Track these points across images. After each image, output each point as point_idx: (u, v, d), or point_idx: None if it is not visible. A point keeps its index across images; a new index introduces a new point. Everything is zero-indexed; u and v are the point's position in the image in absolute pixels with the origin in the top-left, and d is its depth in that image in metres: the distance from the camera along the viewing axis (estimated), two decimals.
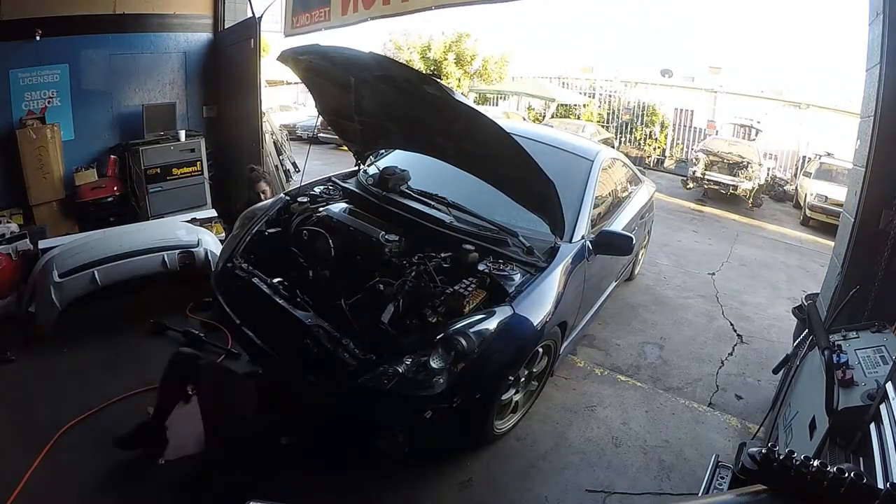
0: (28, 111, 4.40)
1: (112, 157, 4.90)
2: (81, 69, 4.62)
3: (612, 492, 2.27)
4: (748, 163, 9.13)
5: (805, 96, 12.84)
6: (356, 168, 3.37)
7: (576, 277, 2.66)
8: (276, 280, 2.45)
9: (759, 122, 11.70)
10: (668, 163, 12.79)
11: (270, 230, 2.85)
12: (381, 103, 2.65)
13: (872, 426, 1.48)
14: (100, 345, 3.01)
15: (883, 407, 1.48)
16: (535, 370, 2.57)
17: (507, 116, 11.49)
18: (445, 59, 14.31)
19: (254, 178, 3.99)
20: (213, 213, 4.46)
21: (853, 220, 2.54)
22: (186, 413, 2.39)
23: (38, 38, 4.24)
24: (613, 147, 9.30)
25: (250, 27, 4.98)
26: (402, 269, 2.44)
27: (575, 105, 14.10)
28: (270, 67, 5.21)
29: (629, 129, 13.34)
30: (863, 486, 0.75)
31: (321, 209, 2.86)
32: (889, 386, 1.57)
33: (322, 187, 3.19)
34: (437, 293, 2.29)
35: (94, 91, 4.75)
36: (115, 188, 4.86)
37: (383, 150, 3.41)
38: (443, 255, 2.49)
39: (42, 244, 3.56)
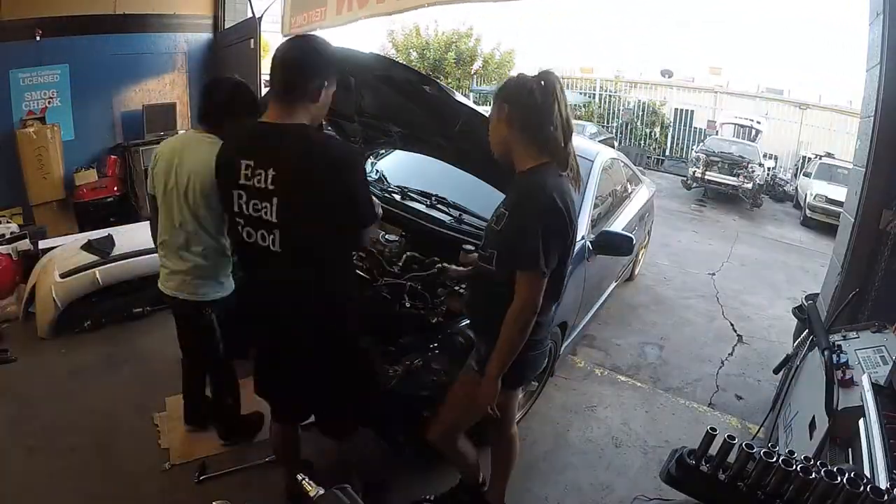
0: (28, 111, 4.40)
1: (112, 157, 4.90)
2: (81, 69, 4.62)
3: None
4: (748, 163, 9.13)
5: (805, 96, 12.84)
6: None
7: (575, 278, 2.65)
8: None
9: (759, 123, 11.69)
10: (667, 163, 12.78)
11: None
12: (382, 104, 2.65)
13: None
14: (100, 345, 3.01)
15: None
16: None
17: None
18: (445, 59, 14.31)
19: None
20: None
21: (853, 220, 2.54)
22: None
23: (38, 38, 4.24)
24: (614, 147, 9.30)
25: (250, 27, 4.99)
26: (402, 270, 2.44)
27: (575, 105, 14.10)
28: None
29: (629, 129, 13.33)
30: None
31: None
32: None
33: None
34: (437, 293, 2.29)
35: (95, 91, 4.75)
36: (115, 188, 4.86)
37: (383, 150, 3.41)
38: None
39: (42, 244, 3.57)
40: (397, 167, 3.32)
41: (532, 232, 1.40)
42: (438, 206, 2.82)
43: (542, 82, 1.45)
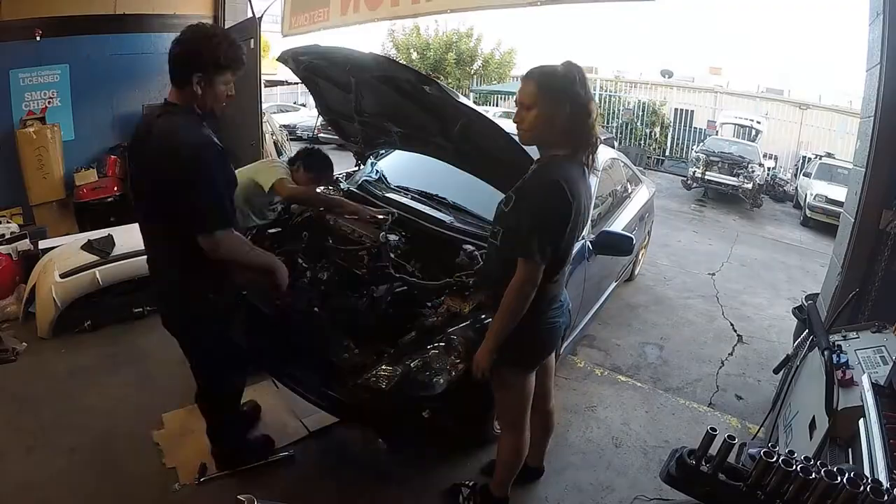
0: (28, 111, 4.40)
1: (112, 157, 4.89)
2: (81, 69, 4.61)
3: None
4: (748, 163, 9.13)
5: (805, 96, 12.86)
6: (356, 168, 3.38)
7: (575, 278, 2.65)
8: None
9: (759, 123, 11.70)
10: (667, 163, 12.79)
11: (271, 230, 2.85)
12: (381, 103, 2.65)
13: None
14: (100, 344, 3.01)
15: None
16: None
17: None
18: (445, 59, 14.31)
19: None
20: None
21: (853, 220, 2.55)
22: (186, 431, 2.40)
23: (38, 38, 4.24)
24: (614, 147, 9.30)
25: (250, 27, 4.97)
26: (402, 270, 2.44)
27: None
28: (270, 67, 5.20)
29: (629, 129, 13.33)
30: None
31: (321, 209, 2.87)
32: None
33: (323, 187, 3.19)
34: (437, 294, 2.29)
35: (95, 91, 4.75)
36: (115, 188, 4.85)
37: (383, 150, 3.42)
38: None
39: (42, 244, 3.57)
40: (397, 167, 3.32)
41: (534, 221, 1.49)
42: (438, 206, 2.82)
43: (565, 72, 1.57)
